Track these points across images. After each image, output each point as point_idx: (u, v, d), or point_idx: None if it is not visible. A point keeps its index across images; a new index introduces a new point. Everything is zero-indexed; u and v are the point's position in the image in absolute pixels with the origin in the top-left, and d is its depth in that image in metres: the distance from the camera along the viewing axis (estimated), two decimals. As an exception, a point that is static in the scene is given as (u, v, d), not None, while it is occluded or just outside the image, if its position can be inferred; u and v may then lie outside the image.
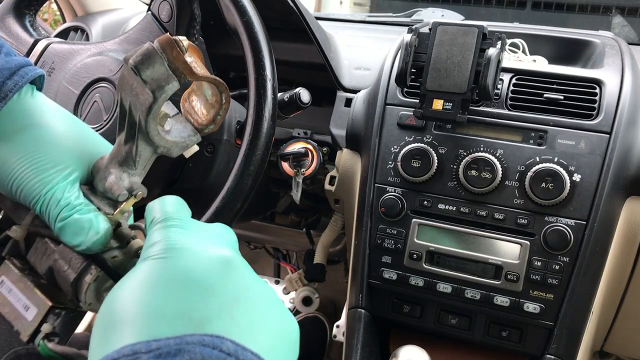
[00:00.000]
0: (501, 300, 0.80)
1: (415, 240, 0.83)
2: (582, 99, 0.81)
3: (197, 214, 0.70)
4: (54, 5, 1.85)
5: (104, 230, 0.44)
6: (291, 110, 0.83)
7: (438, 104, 0.78)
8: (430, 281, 0.83)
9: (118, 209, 0.45)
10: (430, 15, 1.37)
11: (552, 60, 0.97)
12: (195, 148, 0.54)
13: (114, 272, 0.44)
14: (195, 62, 0.43)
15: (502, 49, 0.78)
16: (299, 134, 1.02)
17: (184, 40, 0.41)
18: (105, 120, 0.73)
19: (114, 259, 0.45)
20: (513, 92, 0.84)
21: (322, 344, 1.50)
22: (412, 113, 0.83)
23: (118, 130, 0.46)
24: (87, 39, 1.14)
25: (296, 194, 0.96)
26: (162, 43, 0.40)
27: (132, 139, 0.44)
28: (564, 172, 0.76)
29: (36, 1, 0.84)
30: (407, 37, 0.79)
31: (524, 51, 0.97)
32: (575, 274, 0.76)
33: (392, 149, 0.85)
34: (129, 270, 0.37)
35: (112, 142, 0.72)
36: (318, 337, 1.50)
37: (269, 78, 0.68)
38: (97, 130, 0.74)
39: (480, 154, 0.80)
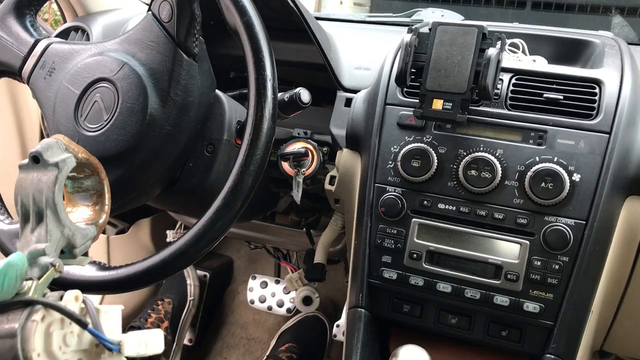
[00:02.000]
0: (501, 299, 0.80)
1: (415, 240, 0.83)
2: (581, 99, 0.81)
3: (197, 214, 0.70)
4: (54, 5, 1.85)
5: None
6: (291, 110, 0.83)
7: (438, 104, 0.78)
8: (430, 281, 0.83)
9: (44, 277, 0.46)
10: (430, 15, 1.37)
11: (551, 60, 0.97)
12: (88, 260, 0.58)
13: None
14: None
15: (502, 49, 0.78)
16: (299, 134, 1.02)
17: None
18: (105, 120, 0.74)
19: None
20: (513, 92, 0.84)
21: (322, 343, 1.51)
22: (412, 113, 0.83)
23: (21, 228, 0.49)
24: (88, 39, 1.14)
25: (296, 194, 0.96)
26: (56, 137, 0.51)
27: (40, 222, 0.48)
28: (563, 172, 0.76)
29: (37, 1, 0.84)
30: (407, 37, 0.79)
31: (523, 51, 0.97)
32: (575, 274, 0.77)
33: (392, 148, 0.85)
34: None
35: (112, 142, 0.73)
36: (318, 337, 1.51)
37: (269, 78, 0.68)
38: (97, 131, 0.74)
39: (480, 153, 0.80)
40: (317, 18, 1.06)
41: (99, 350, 0.46)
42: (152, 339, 0.47)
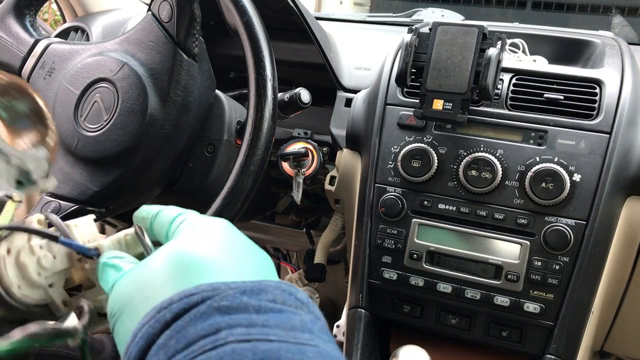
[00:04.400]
0: (501, 300, 0.80)
1: (416, 240, 0.83)
2: (582, 99, 0.81)
3: (197, 214, 0.70)
4: (54, 6, 1.85)
5: None
6: (291, 110, 0.83)
7: (438, 104, 0.78)
8: (431, 281, 0.83)
9: (2, 212, 0.43)
10: (430, 15, 1.37)
11: (552, 60, 0.97)
12: (54, 182, 0.54)
13: None
14: None
15: (502, 49, 0.78)
16: (299, 134, 1.02)
17: None
18: (105, 121, 0.74)
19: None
20: (513, 92, 0.84)
21: (322, 344, 1.50)
22: (412, 113, 0.83)
23: None
24: (88, 39, 1.14)
25: (296, 194, 0.96)
26: None
27: None
28: (564, 172, 0.76)
29: (36, 1, 0.84)
30: (407, 37, 0.79)
31: (524, 51, 0.97)
32: (575, 274, 0.77)
33: (392, 149, 0.85)
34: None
35: (112, 142, 0.73)
36: (318, 337, 1.50)
37: (269, 78, 0.68)
38: (97, 131, 0.74)
39: (480, 154, 0.80)
40: (317, 18, 1.06)
41: (82, 262, 0.43)
42: (131, 235, 0.44)
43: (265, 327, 0.31)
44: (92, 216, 0.46)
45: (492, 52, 0.75)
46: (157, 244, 0.42)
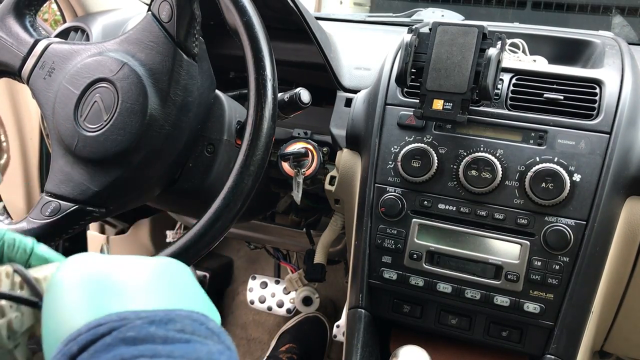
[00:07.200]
0: (501, 300, 0.80)
1: (415, 240, 0.83)
2: (582, 99, 0.81)
3: (197, 214, 0.70)
4: (54, 6, 1.85)
5: None
6: (291, 110, 0.83)
7: (438, 104, 0.78)
8: (431, 281, 0.83)
9: None
10: (430, 16, 1.37)
11: (552, 60, 0.97)
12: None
13: None
14: None
15: (502, 49, 0.78)
16: (299, 134, 1.02)
17: None
18: (105, 121, 0.74)
19: None
20: (513, 92, 0.84)
21: (322, 343, 1.51)
22: (412, 113, 0.83)
23: None
24: (88, 39, 1.14)
25: (296, 194, 0.96)
26: None
27: None
28: (564, 172, 0.76)
29: (36, 1, 0.84)
30: (407, 37, 0.79)
31: (524, 51, 0.97)
32: (575, 274, 0.77)
33: (392, 149, 0.85)
34: None
35: (111, 142, 0.73)
36: (318, 337, 1.51)
37: (269, 78, 0.68)
38: (97, 131, 0.74)
39: (480, 154, 0.80)
40: (317, 18, 1.06)
41: None
42: None
43: (170, 357, 0.30)
44: (57, 263, 0.44)
45: (492, 52, 0.75)
46: None
